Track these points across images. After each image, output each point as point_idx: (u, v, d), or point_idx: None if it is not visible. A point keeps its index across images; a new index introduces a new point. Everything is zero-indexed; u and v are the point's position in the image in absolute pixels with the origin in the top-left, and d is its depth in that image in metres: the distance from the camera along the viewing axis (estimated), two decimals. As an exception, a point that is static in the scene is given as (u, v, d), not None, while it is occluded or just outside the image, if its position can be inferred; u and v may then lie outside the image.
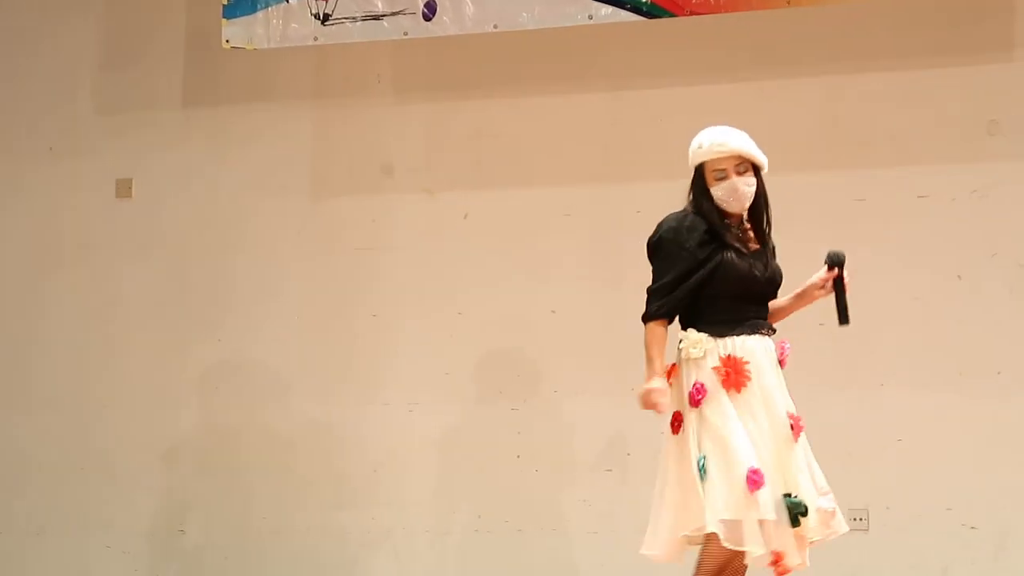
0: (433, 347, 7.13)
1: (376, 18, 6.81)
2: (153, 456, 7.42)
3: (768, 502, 4.70)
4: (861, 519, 6.51)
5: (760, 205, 5.00)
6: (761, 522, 4.70)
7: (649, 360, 4.89)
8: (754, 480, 4.71)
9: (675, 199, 6.81)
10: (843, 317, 4.94)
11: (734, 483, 4.72)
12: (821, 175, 6.72)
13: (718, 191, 4.94)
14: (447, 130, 7.24)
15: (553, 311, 7.01)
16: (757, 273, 4.93)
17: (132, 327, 7.52)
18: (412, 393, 7.13)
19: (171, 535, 7.37)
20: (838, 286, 4.94)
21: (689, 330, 4.90)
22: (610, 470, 6.88)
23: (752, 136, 6.74)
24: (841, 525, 4.94)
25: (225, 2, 6.98)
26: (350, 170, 7.36)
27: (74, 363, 7.58)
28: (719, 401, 4.82)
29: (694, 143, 5.01)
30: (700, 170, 4.99)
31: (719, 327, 4.88)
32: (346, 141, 7.37)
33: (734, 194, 4.92)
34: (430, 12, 6.73)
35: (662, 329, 4.93)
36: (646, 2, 6.49)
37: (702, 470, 4.75)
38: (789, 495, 4.75)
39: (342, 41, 6.94)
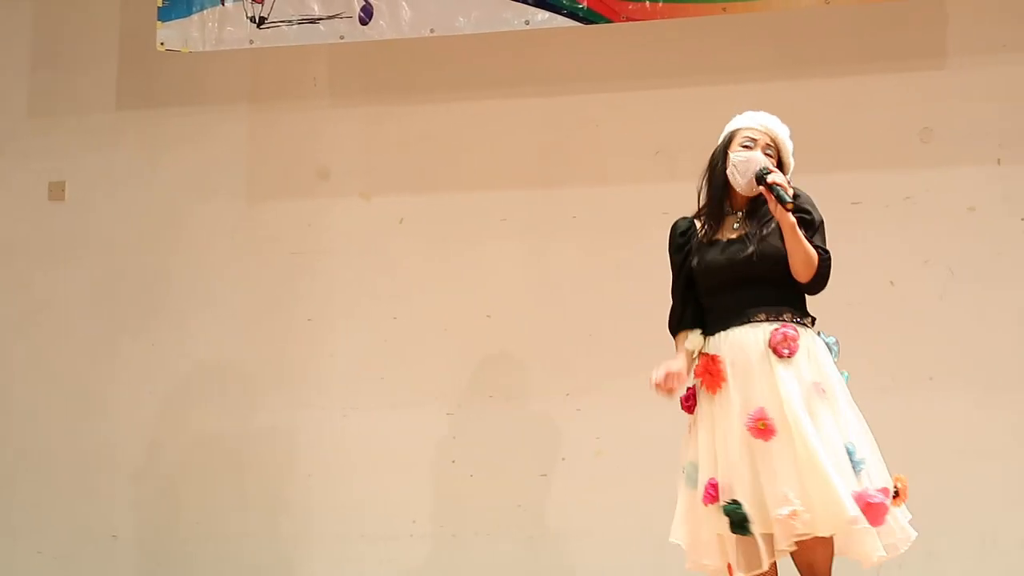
0: (368, 352, 7.12)
1: (312, 21, 6.79)
2: (85, 460, 7.36)
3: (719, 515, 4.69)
4: (793, 523, 6.54)
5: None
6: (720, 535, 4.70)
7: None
8: (710, 494, 4.70)
9: (610, 203, 6.89)
10: (783, 201, 4.79)
11: (697, 498, 4.76)
12: (755, 181, 6.74)
13: (737, 156, 4.90)
14: (383, 134, 7.23)
15: (488, 316, 7.01)
16: (728, 259, 4.85)
17: (63, 330, 7.46)
18: (347, 398, 7.11)
19: (103, 540, 7.32)
20: (774, 192, 4.79)
21: (692, 332, 4.90)
22: (545, 475, 6.88)
23: (688, 141, 6.82)
24: (811, 528, 4.65)
25: (160, 4, 6.94)
26: (285, 174, 7.34)
27: (2, 367, 7.51)
28: (701, 406, 4.84)
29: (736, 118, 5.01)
30: (729, 139, 4.97)
31: (711, 324, 4.88)
32: (282, 144, 7.34)
33: (749, 164, 4.85)
34: (366, 16, 6.72)
35: (682, 337, 4.94)
36: (583, 8, 6.51)
37: (687, 479, 4.83)
38: (733, 502, 4.67)
39: (278, 44, 6.91)
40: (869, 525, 4.64)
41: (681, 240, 4.98)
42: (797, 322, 4.85)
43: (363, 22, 6.74)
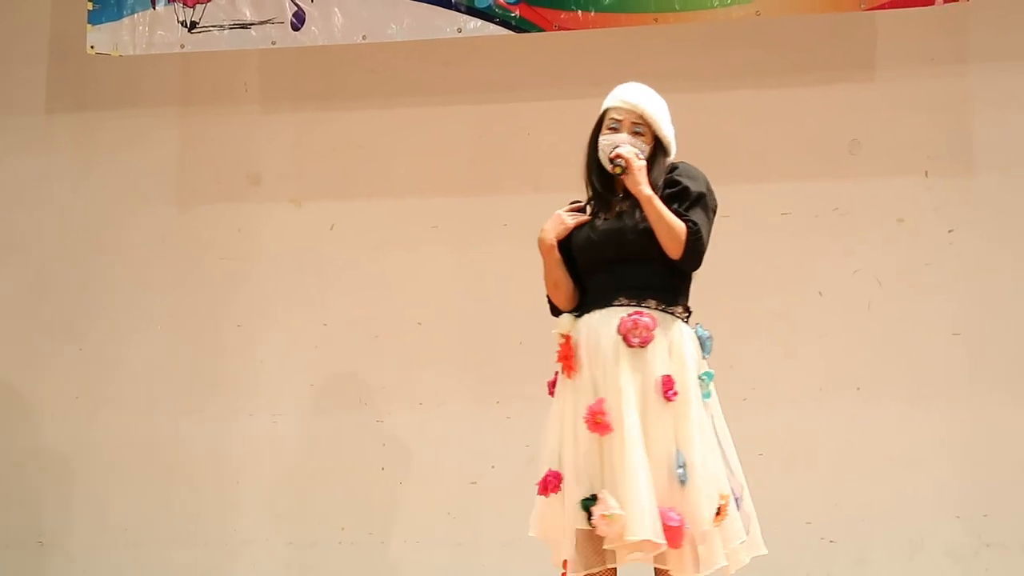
0: (298, 358, 7.10)
1: (244, 27, 6.76)
2: (11, 466, 7.31)
3: (567, 506, 4.51)
4: (721, 532, 6.57)
5: (653, 183, 4.65)
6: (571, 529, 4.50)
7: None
8: (546, 483, 4.57)
9: (543, 212, 6.87)
10: (621, 169, 4.63)
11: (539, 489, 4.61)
12: (686, 190, 6.77)
13: (603, 139, 4.74)
14: (314, 140, 7.21)
15: (419, 323, 7.00)
16: (597, 238, 4.66)
17: (-8, 335, 7.42)
18: (277, 404, 7.09)
19: (29, 546, 7.26)
20: (615, 164, 4.63)
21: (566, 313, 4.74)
22: (475, 482, 6.88)
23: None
24: (637, 533, 4.40)
25: (90, 7, 6.89)
26: (217, 179, 7.30)
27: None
28: (559, 390, 4.68)
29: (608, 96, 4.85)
30: (599, 122, 4.82)
31: (583, 306, 4.71)
32: (213, 150, 7.31)
33: (612, 146, 4.68)
34: (298, 22, 6.70)
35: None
36: (515, 16, 6.51)
37: None
38: (593, 497, 4.47)
39: (209, 49, 6.87)
40: (667, 546, 4.41)
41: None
42: (663, 310, 4.61)
43: (295, 28, 6.72)
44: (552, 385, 4.77)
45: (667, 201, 4.61)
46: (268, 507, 7.05)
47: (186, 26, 6.82)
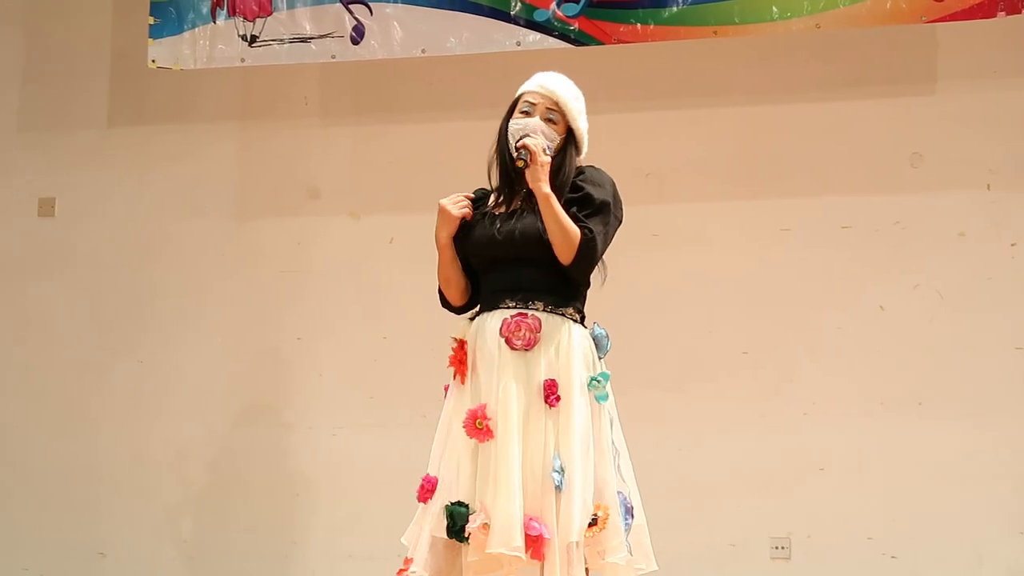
0: (357, 371, 7.11)
1: (304, 41, 6.78)
2: (72, 477, 7.35)
3: (432, 511, 4.43)
4: (783, 547, 6.55)
5: (562, 179, 4.51)
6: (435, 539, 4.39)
7: None
8: (424, 488, 4.49)
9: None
10: (521, 162, 4.46)
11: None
12: (747, 204, 6.75)
13: (514, 123, 4.56)
14: (373, 153, 7.22)
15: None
16: (489, 235, 4.51)
17: (51, 346, 7.45)
18: (336, 416, 7.10)
19: (90, 558, 7.30)
20: (519, 156, 4.47)
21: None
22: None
23: (678, 164, 6.83)
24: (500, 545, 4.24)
25: (152, 22, 6.93)
26: (275, 192, 7.33)
27: (-7, 383, 7.52)
28: (450, 394, 4.55)
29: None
30: (512, 107, 4.66)
31: (481, 307, 4.57)
32: (272, 163, 7.34)
33: (523, 132, 4.50)
34: (358, 36, 6.72)
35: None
36: (574, 29, 6.50)
37: None
38: (458, 503, 4.37)
39: (269, 63, 6.89)
40: (529, 556, 4.26)
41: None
42: (551, 311, 4.45)
43: (354, 42, 6.73)
44: (447, 390, 4.64)
45: (568, 205, 4.46)
46: (326, 520, 7.05)
47: (246, 40, 6.84)
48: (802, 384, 6.61)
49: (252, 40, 6.85)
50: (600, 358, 4.56)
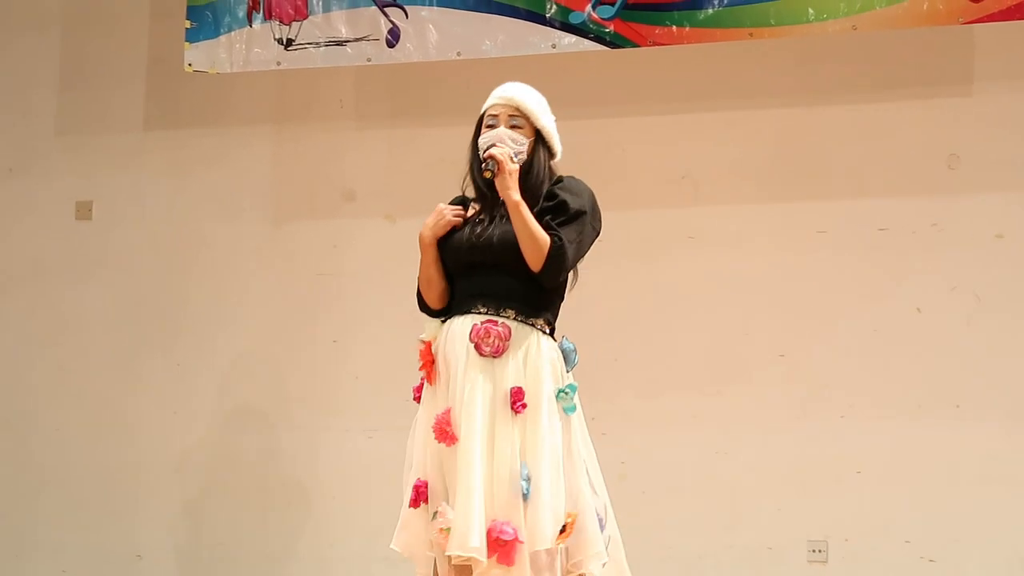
0: (393, 374, 7.08)
1: (339, 44, 6.79)
2: (109, 479, 7.38)
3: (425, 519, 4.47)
4: (820, 551, 6.53)
5: (533, 181, 4.59)
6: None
7: None
8: (418, 494, 4.51)
9: (636, 228, 6.87)
10: (490, 172, 4.57)
11: (405, 500, 4.56)
12: (782, 206, 6.73)
13: (482, 138, 4.64)
14: (409, 156, 7.23)
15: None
16: (465, 242, 4.58)
17: (89, 349, 7.48)
18: (372, 419, 7.10)
19: (127, 560, 7.32)
20: (488, 166, 4.57)
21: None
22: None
23: (713, 165, 6.82)
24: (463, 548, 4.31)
25: (188, 25, 6.96)
26: (311, 195, 7.35)
27: (27, 386, 7.53)
28: (423, 397, 4.61)
29: None
30: (479, 123, 4.74)
31: (451, 309, 4.63)
32: (307, 166, 7.35)
33: (488, 142, 4.59)
34: (393, 39, 6.72)
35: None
36: (610, 32, 6.49)
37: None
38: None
39: (305, 66, 6.91)
40: (495, 561, 4.30)
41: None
42: (522, 321, 4.51)
43: (390, 45, 6.74)
44: (416, 391, 4.71)
45: (544, 213, 4.51)
46: (362, 523, 7.05)
47: (282, 43, 6.86)
48: (839, 387, 6.59)
49: (288, 43, 6.86)
50: (568, 371, 4.60)
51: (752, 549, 6.61)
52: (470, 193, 4.84)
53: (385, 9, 6.72)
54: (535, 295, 4.55)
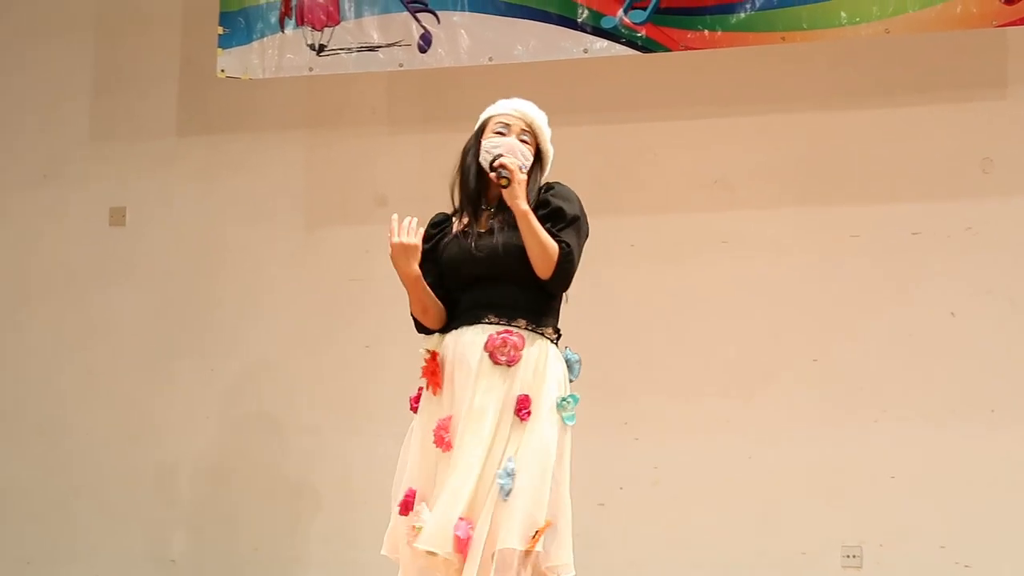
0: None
1: (371, 49, 6.81)
2: (142, 484, 7.40)
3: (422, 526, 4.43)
4: (854, 556, 6.51)
5: (530, 197, 4.57)
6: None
7: None
8: (408, 503, 4.53)
9: (668, 233, 6.86)
10: (505, 181, 4.54)
11: (394, 508, 4.58)
12: (815, 211, 6.72)
13: (489, 142, 4.65)
14: (441, 161, 7.17)
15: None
16: (469, 254, 4.57)
17: (121, 354, 7.50)
18: (404, 425, 7.07)
19: (161, 565, 7.34)
20: (499, 175, 4.55)
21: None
22: (602, 504, 6.84)
23: (746, 169, 6.82)
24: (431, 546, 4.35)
25: (220, 32, 6.98)
26: (343, 200, 7.36)
27: (60, 390, 7.56)
28: (422, 406, 4.62)
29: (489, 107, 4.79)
30: (482, 127, 4.75)
31: (452, 321, 4.62)
32: (339, 171, 7.36)
33: (499, 150, 4.59)
34: (425, 44, 6.73)
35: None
36: (641, 36, 6.49)
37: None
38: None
39: (337, 72, 6.92)
40: (453, 551, 4.32)
41: (432, 231, 4.74)
42: (532, 330, 4.53)
43: (422, 50, 6.75)
44: (414, 401, 4.71)
45: (540, 220, 4.54)
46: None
47: (314, 49, 6.87)
48: (873, 391, 6.57)
49: (320, 49, 6.88)
50: (571, 381, 4.64)
51: (786, 554, 6.59)
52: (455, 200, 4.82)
53: (417, 15, 6.72)
54: (541, 304, 4.59)
